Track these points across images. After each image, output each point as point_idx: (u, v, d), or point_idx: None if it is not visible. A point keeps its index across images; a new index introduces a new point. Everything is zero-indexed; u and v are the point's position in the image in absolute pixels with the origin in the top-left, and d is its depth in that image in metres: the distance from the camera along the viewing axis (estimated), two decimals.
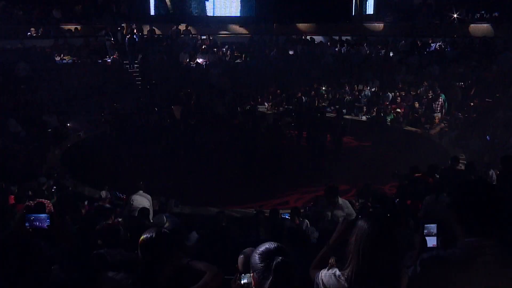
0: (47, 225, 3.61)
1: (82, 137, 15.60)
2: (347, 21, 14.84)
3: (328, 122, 15.52)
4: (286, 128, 16.29)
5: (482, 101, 17.23)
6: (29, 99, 17.15)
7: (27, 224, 3.66)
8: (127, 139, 15.86)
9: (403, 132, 16.69)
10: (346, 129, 15.91)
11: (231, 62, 22.78)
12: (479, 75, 18.48)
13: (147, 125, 16.83)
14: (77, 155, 14.21)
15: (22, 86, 17.74)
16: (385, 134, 16.55)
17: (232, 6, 24.01)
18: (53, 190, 11.33)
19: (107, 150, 14.97)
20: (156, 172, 14.39)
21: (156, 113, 17.30)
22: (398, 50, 21.83)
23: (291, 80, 20.58)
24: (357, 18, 22.42)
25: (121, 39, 21.21)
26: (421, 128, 16.79)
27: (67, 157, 14.22)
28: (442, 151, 14.63)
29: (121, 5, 22.93)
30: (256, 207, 10.07)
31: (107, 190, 11.59)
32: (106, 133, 15.49)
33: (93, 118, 16.66)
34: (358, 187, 11.61)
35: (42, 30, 20.73)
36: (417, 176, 10.65)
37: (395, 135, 16.49)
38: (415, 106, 18.03)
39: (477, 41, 20.16)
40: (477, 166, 11.81)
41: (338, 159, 15.11)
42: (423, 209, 8.93)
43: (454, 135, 15.34)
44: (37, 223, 3.66)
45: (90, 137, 15.94)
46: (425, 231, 3.18)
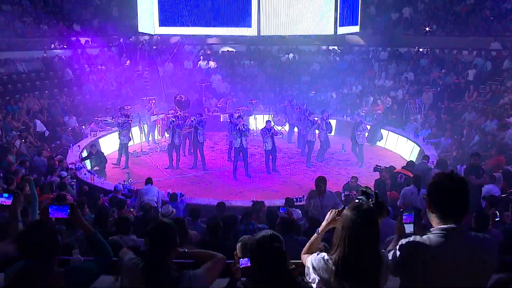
0: (67, 215, 3.61)
1: (98, 136, 15.54)
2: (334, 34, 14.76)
3: None
4: None
5: (451, 104, 17.30)
6: (53, 103, 17.18)
7: (50, 214, 3.66)
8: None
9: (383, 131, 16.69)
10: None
11: (231, 69, 22.76)
12: (448, 81, 18.55)
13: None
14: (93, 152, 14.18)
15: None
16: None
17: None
18: (73, 183, 11.32)
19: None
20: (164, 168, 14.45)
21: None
22: (378, 59, 21.88)
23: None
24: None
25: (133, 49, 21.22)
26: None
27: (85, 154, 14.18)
28: (418, 148, 14.66)
29: (133, 19, 22.90)
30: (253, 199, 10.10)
31: (120, 183, 11.60)
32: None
33: (107, 119, 16.62)
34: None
35: (64, 42, 20.71)
36: (399, 171, 10.66)
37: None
38: (393, 108, 18.07)
39: (446, 51, 20.22)
40: (448, 161, 11.87)
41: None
42: (401, 199, 8.97)
43: (428, 134, 15.36)
44: (59, 213, 3.67)
45: (104, 136, 15.89)
46: (403, 219, 3.18)
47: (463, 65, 19.13)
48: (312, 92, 20.13)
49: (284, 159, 15.17)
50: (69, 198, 8.65)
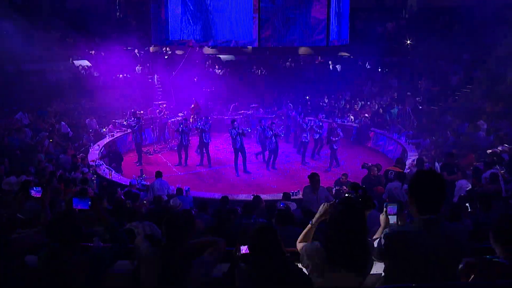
0: (89, 206, 3.65)
1: (115, 137, 15.55)
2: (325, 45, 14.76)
3: None
4: None
5: (430, 108, 17.31)
6: (76, 107, 17.25)
7: (74, 205, 3.70)
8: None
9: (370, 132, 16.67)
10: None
11: (232, 76, 22.76)
12: (428, 88, 18.56)
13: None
14: (111, 151, 14.20)
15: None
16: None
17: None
18: (93, 179, 11.33)
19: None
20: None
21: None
22: (365, 68, 21.87)
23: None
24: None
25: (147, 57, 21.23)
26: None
27: (104, 152, 14.19)
28: (401, 147, 14.66)
29: (148, 31, 22.87)
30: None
31: (135, 179, 11.60)
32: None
33: (123, 122, 16.66)
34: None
35: (86, 54, 20.77)
36: (390, 168, 10.63)
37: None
38: (379, 112, 18.05)
39: (426, 61, 20.22)
40: (426, 160, 11.89)
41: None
42: (386, 193, 8.98)
43: (410, 135, 15.35)
44: (81, 205, 3.70)
45: (121, 137, 15.89)
46: (388, 211, 3.19)
47: (440, 74, 19.12)
48: (307, 97, 20.10)
49: (282, 158, 15.16)
50: (90, 192, 8.67)
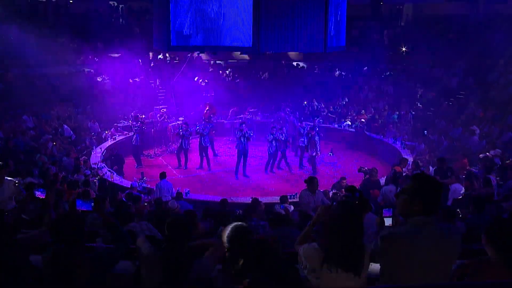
0: (91, 207, 3.65)
1: (117, 140, 15.55)
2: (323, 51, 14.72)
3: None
4: None
5: (425, 113, 17.34)
6: (79, 111, 17.25)
7: (77, 206, 3.70)
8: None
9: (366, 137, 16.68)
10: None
11: (232, 81, 22.76)
12: (422, 94, 18.61)
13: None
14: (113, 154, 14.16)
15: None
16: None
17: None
18: (95, 181, 11.32)
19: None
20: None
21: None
22: (362, 74, 21.93)
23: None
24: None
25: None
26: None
27: (106, 155, 14.16)
28: (396, 152, 14.66)
29: (150, 37, 22.87)
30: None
31: (136, 181, 11.60)
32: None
33: (125, 125, 16.69)
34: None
35: (89, 59, 20.76)
36: (395, 169, 10.64)
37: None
38: (375, 117, 18.09)
39: (420, 68, 20.27)
40: (421, 163, 11.92)
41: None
42: (381, 197, 9.00)
43: (406, 139, 15.37)
44: (84, 206, 3.71)
45: (122, 140, 15.89)
46: (384, 214, 3.20)
47: (435, 80, 19.18)
48: (305, 102, 20.12)
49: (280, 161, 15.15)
50: (92, 194, 8.65)
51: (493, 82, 16.76)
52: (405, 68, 20.79)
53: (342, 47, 13.02)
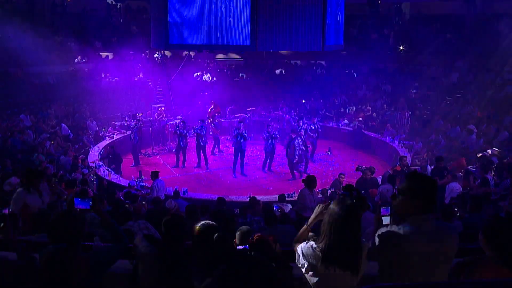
0: (89, 206, 3.64)
1: (115, 138, 15.52)
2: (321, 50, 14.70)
3: None
4: None
5: (422, 112, 17.36)
6: (77, 109, 17.20)
7: (75, 205, 3.69)
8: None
9: (364, 136, 16.69)
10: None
11: (231, 79, 22.75)
12: (420, 92, 18.63)
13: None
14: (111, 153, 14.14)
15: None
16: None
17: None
18: (93, 179, 11.30)
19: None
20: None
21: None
22: (360, 72, 21.93)
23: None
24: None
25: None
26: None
27: (104, 154, 14.15)
28: (394, 151, 14.68)
29: (148, 36, 22.82)
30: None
31: (134, 180, 11.59)
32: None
33: (123, 124, 16.67)
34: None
35: (87, 57, 20.69)
36: (396, 168, 10.66)
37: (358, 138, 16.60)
38: (373, 116, 18.10)
39: (418, 67, 20.27)
40: (419, 162, 11.94)
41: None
42: (378, 196, 9.01)
43: (402, 138, 15.38)
44: (82, 205, 3.70)
45: (120, 138, 15.86)
46: (381, 212, 3.20)
47: (432, 80, 19.19)
48: (303, 101, 20.13)
49: (277, 160, 15.14)
50: (90, 193, 8.63)
51: (491, 81, 16.80)
52: (403, 67, 20.80)
53: (340, 46, 13.04)
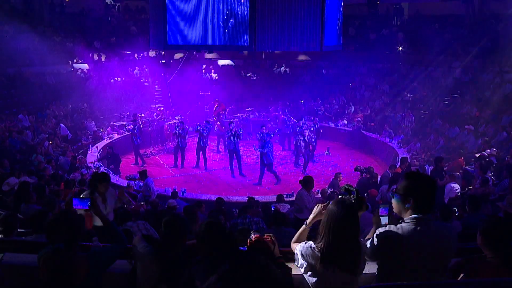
0: (88, 206, 3.63)
1: (113, 139, 15.51)
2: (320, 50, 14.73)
3: None
4: None
5: (421, 112, 17.38)
6: (76, 109, 17.18)
7: (74, 205, 3.68)
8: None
9: (362, 136, 16.70)
10: None
11: (228, 80, 22.71)
12: (419, 93, 18.64)
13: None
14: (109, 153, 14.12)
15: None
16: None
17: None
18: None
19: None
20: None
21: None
22: (359, 73, 21.94)
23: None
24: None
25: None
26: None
27: (102, 154, 14.14)
28: (393, 151, 14.69)
29: (147, 36, 22.81)
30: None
31: (131, 180, 11.57)
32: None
33: (121, 124, 16.67)
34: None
35: (86, 57, 20.65)
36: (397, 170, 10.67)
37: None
38: (371, 116, 18.11)
39: (416, 68, 20.27)
40: (417, 163, 11.96)
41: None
42: (379, 195, 9.03)
43: (401, 139, 15.39)
44: (81, 205, 3.68)
45: (119, 138, 15.85)
46: (380, 212, 3.20)
47: (431, 80, 19.20)
48: (301, 101, 20.13)
49: (276, 161, 15.10)
50: None
51: (489, 82, 16.82)
52: (401, 67, 20.80)
53: (339, 46, 13.04)
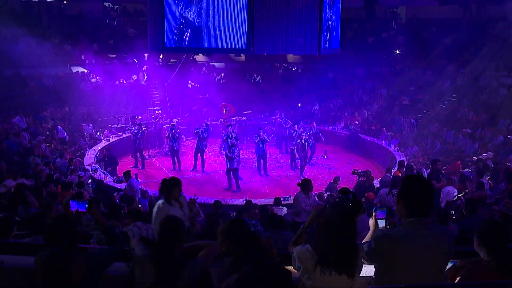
0: (85, 209, 3.63)
1: (110, 142, 15.49)
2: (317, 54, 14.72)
3: None
4: None
5: (417, 116, 17.43)
6: (73, 112, 17.15)
7: (71, 208, 3.68)
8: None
9: (360, 139, 16.72)
10: None
11: (226, 83, 22.74)
12: (415, 97, 18.71)
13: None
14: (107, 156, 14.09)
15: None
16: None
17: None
18: (89, 182, 11.27)
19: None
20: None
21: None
22: (356, 76, 21.98)
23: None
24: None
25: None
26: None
27: (100, 157, 14.12)
28: (390, 154, 14.72)
29: (145, 39, 22.76)
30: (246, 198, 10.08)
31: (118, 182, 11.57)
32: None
33: (119, 126, 16.65)
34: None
35: (83, 60, 20.63)
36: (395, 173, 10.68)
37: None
38: (369, 119, 18.14)
39: (413, 72, 20.31)
40: (415, 165, 11.97)
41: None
42: (377, 198, 9.04)
43: (398, 143, 15.42)
44: (78, 208, 3.68)
45: (116, 141, 15.83)
46: (377, 215, 3.21)
47: (427, 84, 19.25)
48: (299, 104, 20.15)
49: (273, 164, 15.13)
50: (86, 195, 8.61)
51: (486, 85, 16.87)
52: (399, 71, 20.85)
53: (336, 50, 13.07)
